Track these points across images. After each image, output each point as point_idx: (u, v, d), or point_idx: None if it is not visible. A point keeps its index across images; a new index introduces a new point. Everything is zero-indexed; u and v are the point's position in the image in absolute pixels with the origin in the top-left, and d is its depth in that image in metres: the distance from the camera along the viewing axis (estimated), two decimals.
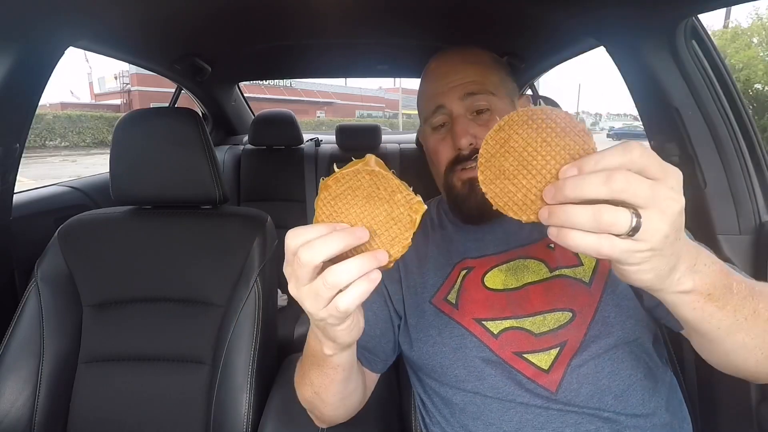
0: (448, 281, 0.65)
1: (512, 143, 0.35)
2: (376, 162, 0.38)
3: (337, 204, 0.37)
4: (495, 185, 0.36)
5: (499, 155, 0.36)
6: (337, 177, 0.37)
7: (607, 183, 0.30)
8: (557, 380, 0.56)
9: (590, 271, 0.60)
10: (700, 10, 0.75)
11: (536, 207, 0.35)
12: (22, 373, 0.80)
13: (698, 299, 0.38)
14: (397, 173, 0.38)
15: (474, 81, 0.64)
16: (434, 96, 0.66)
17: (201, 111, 2.10)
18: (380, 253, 0.36)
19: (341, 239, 0.35)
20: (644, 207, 0.31)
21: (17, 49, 0.83)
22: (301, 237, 0.35)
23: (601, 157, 0.32)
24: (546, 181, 0.34)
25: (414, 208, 0.37)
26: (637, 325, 0.58)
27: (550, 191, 0.33)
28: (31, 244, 0.95)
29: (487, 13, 1.03)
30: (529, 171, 0.35)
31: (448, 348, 0.61)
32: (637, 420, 0.55)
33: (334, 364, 0.50)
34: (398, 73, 2.30)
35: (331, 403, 0.57)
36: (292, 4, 1.00)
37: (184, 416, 0.82)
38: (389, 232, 0.37)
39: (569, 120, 0.34)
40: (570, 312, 0.58)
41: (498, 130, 0.36)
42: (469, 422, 0.59)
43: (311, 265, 0.35)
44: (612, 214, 0.30)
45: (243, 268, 0.86)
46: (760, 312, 0.42)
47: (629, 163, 0.31)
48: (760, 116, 10.00)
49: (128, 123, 0.89)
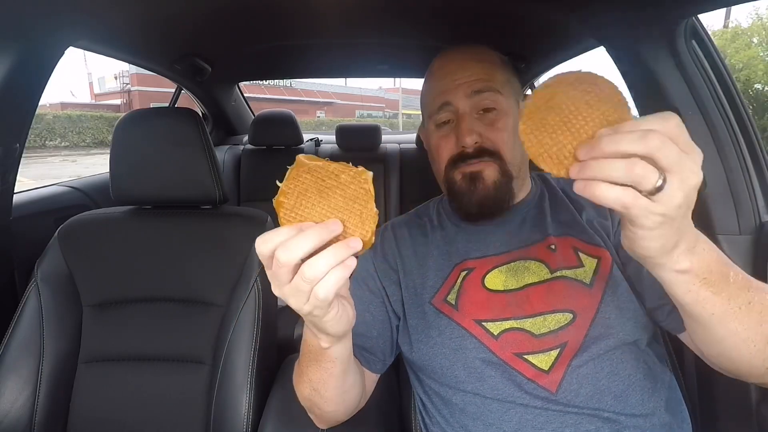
0: (447, 282, 0.65)
1: (557, 100, 0.37)
2: (307, 158, 0.39)
3: (297, 213, 0.38)
4: (534, 136, 0.38)
5: (544, 109, 0.37)
6: (284, 191, 0.39)
7: (642, 140, 0.33)
8: (557, 381, 0.56)
9: (591, 273, 0.60)
10: (700, 10, 0.75)
11: (568, 163, 0.37)
12: (22, 373, 0.80)
13: (694, 281, 0.40)
14: (397, 173, 0.38)
15: (481, 79, 0.64)
16: (440, 93, 0.66)
17: (201, 111, 2.10)
18: (352, 240, 0.37)
19: (316, 235, 0.36)
20: (669, 171, 0.33)
21: (17, 49, 0.83)
22: (272, 241, 0.37)
23: (641, 120, 0.34)
24: (581, 140, 0.36)
25: (362, 179, 0.38)
26: (636, 327, 0.58)
27: (584, 148, 0.35)
28: (31, 244, 0.95)
29: (487, 13, 1.03)
30: (568, 128, 0.37)
31: (448, 349, 0.61)
32: (637, 420, 0.55)
33: (332, 357, 0.51)
34: (398, 73, 2.30)
35: (330, 398, 0.57)
36: (292, 4, 1.00)
37: (184, 416, 0.82)
38: (354, 213, 0.38)
39: (613, 90, 0.36)
40: (571, 313, 0.58)
41: (546, 86, 0.38)
42: (469, 423, 0.59)
43: (290, 264, 0.36)
44: (644, 167, 0.33)
45: (243, 268, 0.86)
46: (754, 304, 0.43)
47: (664, 130, 0.33)
48: (760, 116, 10.01)
49: (128, 123, 0.89)
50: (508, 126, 0.64)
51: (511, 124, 0.64)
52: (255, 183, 2.01)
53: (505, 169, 0.63)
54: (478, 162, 0.63)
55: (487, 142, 0.63)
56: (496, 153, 0.63)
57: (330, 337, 0.45)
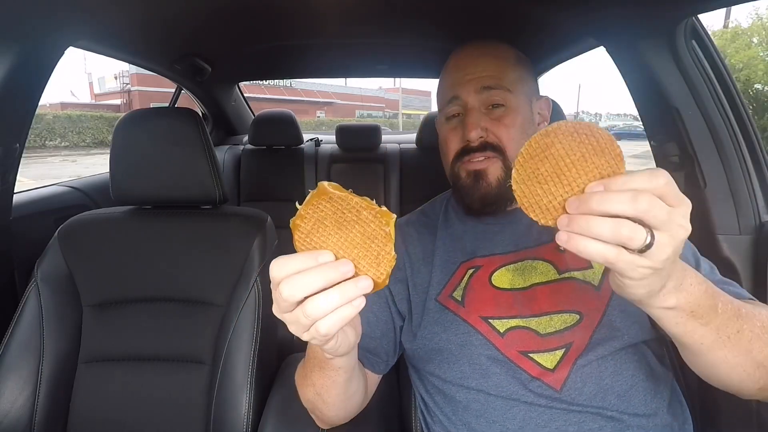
0: (453, 278, 0.65)
1: (553, 150, 0.36)
2: (331, 186, 0.37)
3: (312, 240, 0.38)
4: (526, 186, 0.38)
5: (537, 159, 0.37)
6: (302, 215, 0.38)
7: (631, 202, 0.33)
8: (562, 379, 0.56)
9: (600, 275, 0.60)
10: (700, 10, 0.75)
11: (557, 214, 0.37)
12: (22, 373, 0.80)
13: (681, 315, 0.41)
14: (397, 173, 0.38)
15: (491, 75, 0.64)
16: (451, 86, 0.67)
17: (201, 111, 2.10)
18: (362, 279, 0.36)
19: (323, 275, 0.35)
20: (658, 229, 0.33)
21: (17, 49, 0.83)
22: (284, 268, 0.36)
23: (630, 178, 0.34)
24: (573, 192, 0.36)
25: (384, 221, 0.37)
26: (641, 330, 0.58)
27: (574, 202, 0.35)
28: (31, 244, 0.95)
29: (487, 13, 1.03)
30: (560, 180, 0.36)
31: (454, 345, 0.61)
32: (640, 420, 0.55)
33: (335, 367, 0.51)
34: (398, 73, 2.30)
35: (333, 404, 0.58)
36: (292, 4, 1.00)
37: (184, 416, 0.82)
38: (370, 252, 0.37)
39: (610, 142, 0.36)
40: (577, 314, 0.59)
41: (544, 135, 0.37)
42: (472, 420, 0.59)
43: (291, 300, 0.35)
44: (631, 229, 0.33)
45: (243, 268, 0.86)
46: (743, 332, 0.44)
47: (654, 189, 0.33)
48: (760, 116, 10.00)
49: (128, 123, 0.89)
50: (516, 123, 0.64)
51: (519, 121, 0.64)
52: (255, 183, 2.01)
53: (509, 166, 0.64)
54: (482, 157, 0.64)
55: (491, 137, 0.64)
56: (501, 148, 0.63)
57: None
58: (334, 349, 0.42)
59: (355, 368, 0.55)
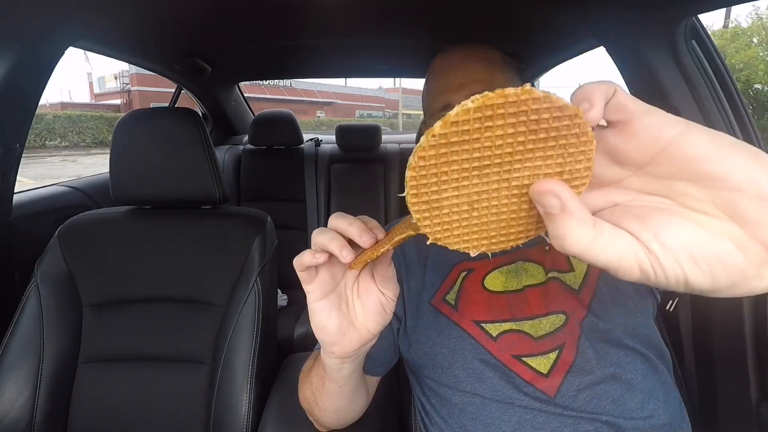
0: (447, 281, 0.65)
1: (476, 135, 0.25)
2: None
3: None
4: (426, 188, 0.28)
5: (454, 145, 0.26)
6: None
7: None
8: (556, 386, 0.56)
9: (581, 278, 0.60)
10: (700, 10, 0.75)
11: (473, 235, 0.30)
12: (22, 373, 0.80)
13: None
14: (397, 173, 0.38)
15: (481, 80, 0.64)
16: (441, 92, 0.66)
17: (201, 111, 2.10)
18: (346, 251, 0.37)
19: (338, 244, 0.37)
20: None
21: (17, 49, 0.83)
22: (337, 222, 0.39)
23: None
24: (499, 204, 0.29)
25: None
26: (626, 331, 0.58)
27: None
28: (31, 244, 0.95)
29: (488, 13, 1.03)
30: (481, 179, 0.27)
31: (447, 349, 0.61)
32: (636, 422, 0.55)
33: (335, 378, 0.52)
34: (398, 73, 2.29)
35: (324, 410, 0.59)
36: (292, 4, 0.99)
37: (183, 416, 0.82)
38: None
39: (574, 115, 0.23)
40: (563, 314, 0.59)
41: (464, 111, 0.24)
42: (468, 423, 0.59)
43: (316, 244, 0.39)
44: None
45: (243, 268, 0.86)
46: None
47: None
48: (760, 116, 10.01)
49: (128, 123, 0.89)
50: None
51: None
52: (255, 183, 2.01)
53: None
54: None
55: None
56: None
57: (336, 357, 0.46)
58: (319, 318, 0.43)
59: (353, 387, 0.56)
